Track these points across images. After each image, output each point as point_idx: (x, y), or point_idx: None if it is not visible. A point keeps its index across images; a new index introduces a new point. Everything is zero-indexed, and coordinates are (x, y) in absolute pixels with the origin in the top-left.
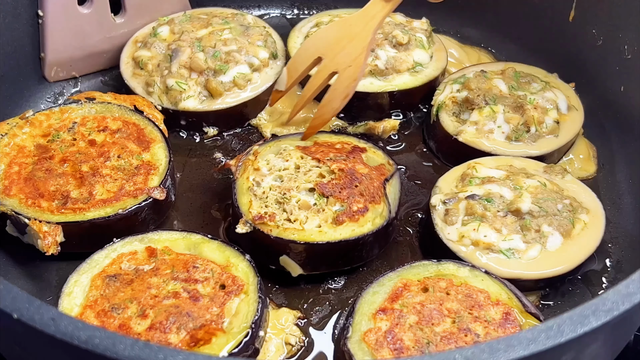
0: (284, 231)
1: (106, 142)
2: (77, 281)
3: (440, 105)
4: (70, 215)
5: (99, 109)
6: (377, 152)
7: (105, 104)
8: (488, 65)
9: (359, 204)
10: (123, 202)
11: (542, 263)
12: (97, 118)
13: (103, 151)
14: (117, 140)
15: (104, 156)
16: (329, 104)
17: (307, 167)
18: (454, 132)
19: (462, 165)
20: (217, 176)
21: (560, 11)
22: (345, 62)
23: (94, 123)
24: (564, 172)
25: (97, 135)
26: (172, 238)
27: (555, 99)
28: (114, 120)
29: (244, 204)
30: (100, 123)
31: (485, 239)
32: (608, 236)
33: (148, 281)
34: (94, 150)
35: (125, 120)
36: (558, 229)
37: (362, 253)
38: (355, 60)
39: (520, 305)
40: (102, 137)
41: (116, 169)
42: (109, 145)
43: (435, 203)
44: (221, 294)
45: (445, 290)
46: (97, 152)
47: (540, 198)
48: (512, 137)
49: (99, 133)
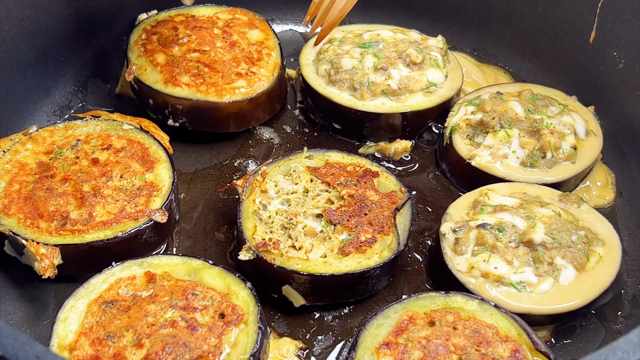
0: (287, 260)
1: (109, 161)
2: (73, 307)
3: (454, 127)
4: (68, 237)
5: (104, 127)
6: (390, 177)
7: (110, 122)
8: (504, 86)
9: (367, 234)
10: (123, 225)
11: (554, 298)
12: (102, 136)
13: (105, 170)
14: (121, 160)
15: (106, 176)
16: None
17: (316, 192)
18: (467, 156)
19: (474, 192)
20: (222, 196)
21: (581, 31)
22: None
23: (98, 141)
24: (580, 201)
25: (101, 153)
26: (172, 263)
27: (573, 124)
28: (119, 138)
29: (248, 228)
30: (105, 141)
31: (496, 271)
32: (624, 269)
33: (145, 308)
34: (97, 169)
35: (130, 138)
36: (572, 262)
37: (368, 286)
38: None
39: (530, 343)
40: (106, 155)
41: (118, 189)
42: (112, 164)
43: (445, 231)
44: (220, 324)
45: (453, 325)
46: (99, 171)
47: (554, 229)
48: (527, 163)
49: (103, 151)
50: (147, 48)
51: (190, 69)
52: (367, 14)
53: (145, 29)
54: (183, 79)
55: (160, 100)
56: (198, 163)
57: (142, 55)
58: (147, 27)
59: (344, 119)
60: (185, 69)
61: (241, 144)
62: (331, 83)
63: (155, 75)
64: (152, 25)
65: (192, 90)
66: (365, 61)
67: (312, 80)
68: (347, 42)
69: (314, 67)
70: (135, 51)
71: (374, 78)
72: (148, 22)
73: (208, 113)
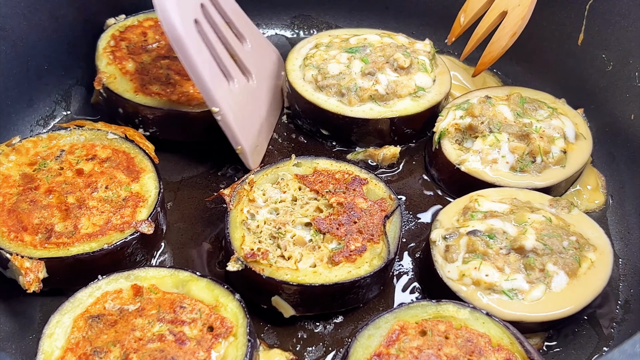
0: (276, 271)
1: (94, 171)
2: (59, 322)
3: (443, 132)
4: (53, 250)
5: (88, 136)
6: (379, 184)
7: (95, 131)
8: (493, 90)
9: (357, 242)
10: (109, 237)
11: (546, 305)
12: (86, 146)
13: (90, 181)
14: (106, 170)
15: (91, 187)
16: (497, 42)
17: (305, 200)
18: (457, 161)
19: (464, 198)
20: (210, 205)
21: (569, 34)
22: (515, 2)
23: (82, 151)
24: (571, 206)
25: (85, 164)
26: (159, 275)
27: (563, 127)
28: (104, 148)
29: (236, 239)
30: (89, 151)
31: (487, 279)
32: (616, 273)
33: (132, 322)
34: (81, 180)
35: (115, 148)
36: (563, 268)
37: (358, 295)
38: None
39: (523, 351)
40: (90, 166)
41: (103, 200)
42: (97, 175)
43: (436, 238)
44: (209, 337)
45: (445, 334)
46: (84, 182)
47: (545, 234)
48: (516, 168)
49: (87, 162)
50: (115, 55)
51: (161, 76)
52: (353, 18)
53: (113, 35)
54: (154, 88)
55: (131, 109)
56: (184, 172)
57: (111, 62)
58: (115, 33)
59: (331, 125)
60: (156, 76)
61: (228, 152)
62: (318, 89)
63: (125, 84)
64: (120, 31)
65: (163, 100)
66: (352, 66)
67: (298, 86)
68: (334, 46)
69: (300, 73)
70: (104, 59)
71: (362, 83)
72: (116, 27)
73: (179, 122)
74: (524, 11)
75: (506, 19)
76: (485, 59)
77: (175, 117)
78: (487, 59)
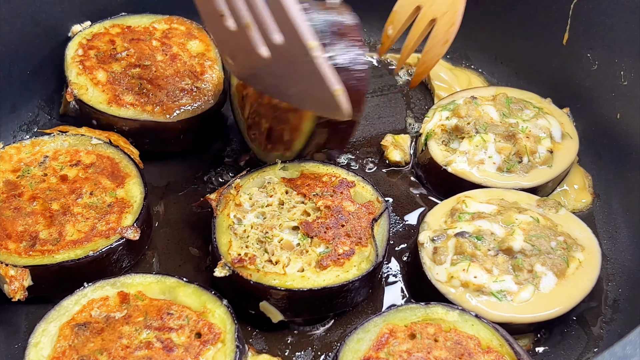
0: (264, 276)
1: (78, 177)
2: (45, 330)
3: (429, 133)
4: (38, 257)
5: (72, 142)
6: (366, 187)
7: (79, 136)
8: (479, 90)
9: (345, 246)
10: (94, 243)
11: (534, 306)
12: (70, 151)
13: (75, 187)
14: (90, 176)
15: (76, 193)
16: (431, 50)
17: (292, 204)
18: (444, 163)
19: (451, 199)
20: (196, 210)
21: (554, 33)
22: (443, 9)
23: (66, 157)
24: (558, 206)
25: (69, 170)
26: (145, 282)
27: (549, 127)
28: (88, 153)
29: (223, 244)
30: (73, 157)
31: (476, 280)
32: (604, 273)
33: (119, 330)
34: (66, 186)
35: (99, 153)
36: (552, 269)
37: (347, 299)
38: (452, 4)
39: (512, 353)
40: (75, 172)
41: (88, 207)
42: (81, 181)
43: (424, 240)
44: (196, 344)
45: (434, 337)
46: (68, 188)
47: (533, 235)
48: (503, 168)
49: (71, 168)
50: (85, 65)
51: (133, 86)
52: None
53: (81, 44)
54: (127, 98)
55: (105, 121)
56: (170, 176)
57: (81, 73)
58: (82, 41)
59: None
60: (128, 86)
61: (214, 156)
62: None
63: (97, 95)
64: (87, 39)
65: (138, 110)
66: None
67: None
68: None
69: None
70: (74, 69)
71: None
72: (83, 35)
73: (155, 133)
74: (453, 17)
75: (436, 27)
76: (420, 69)
77: (152, 127)
78: (421, 69)
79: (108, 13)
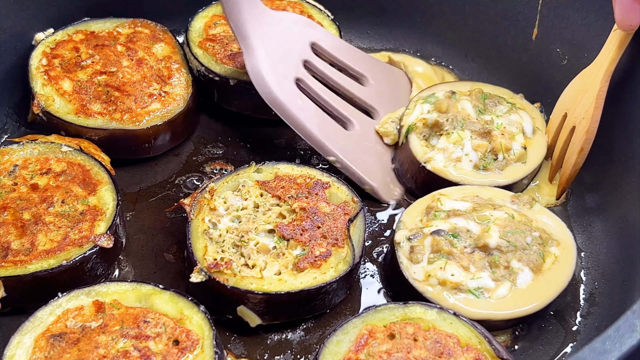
0: (241, 280)
1: (49, 186)
2: (20, 342)
3: (411, 126)
4: (10, 268)
5: (42, 150)
6: (341, 187)
7: (48, 144)
8: (456, 84)
9: (322, 247)
10: (67, 252)
11: (512, 302)
12: (40, 160)
13: (46, 196)
14: (61, 184)
15: (47, 202)
16: (568, 160)
17: (267, 206)
18: (423, 159)
19: (426, 197)
20: (170, 215)
21: (523, 29)
22: (580, 115)
23: (36, 165)
24: (532, 201)
25: (40, 178)
26: (120, 290)
27: (521, 122)
28: (58, 161)
29: (198, 249)
30: (43, 165)
31: (453, 278)
32: (580, 267)
33: (96, 340)
34: (36, 195)
35: (70, 161)
36: (528, 265)
37: (325, 301)
38: (587, 112)
39: (492, 350)
40: (45, 180)
41: (60, 215)
42: (53, 189)
43: (400, 240)
44: (174, 351)
45: (413, 336)
46: (39, 197)
47: (508, 231)
48: (479, 166)
49: (42, 176)
50: (50, 75)
51: (100, 94)
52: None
53: (44, 53)
54: (94, 108)
55: (74, 131)
56: (142, 182)
57: (46, 83)
58: (45, 50)
59: None
60: (95, 95)
61: (186, 160)
62: None
63: (64, 106)
64: (51, 47)
65: (106, 119)
66: None
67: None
68: None
69: None
70: (39, 79)
71: None
72: (46, 43)
73: (125, 141)
74: (587, 124)
75: (574, 134)
76: (562, 180)
77: (121, 136)
78: (563, 179)
79: (72, 18)
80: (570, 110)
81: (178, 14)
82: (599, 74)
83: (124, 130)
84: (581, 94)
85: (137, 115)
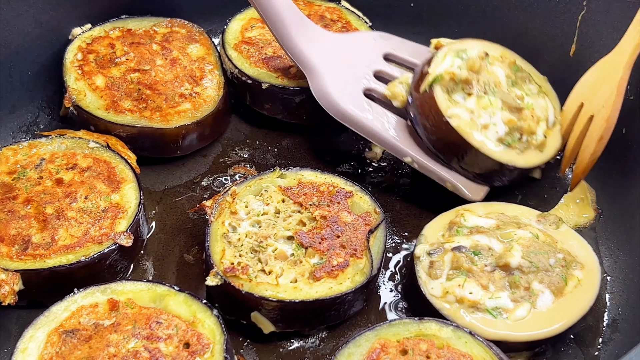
0: (256, 286)
1: (74, 181)
2: (33, 336)
3: (437, 77)
4: (29, 262)
5: (69, 145)
6: (364, 197)
7: (76, 139)
8: (488, 45)
9: (340, 257)
10: (86, 249)
11: (530, 324)
12: (67, 154)
13: (70, 191)
14: (86, 180)
15: (70, 197)
16: (586, 149)
17: (288, 213)
18: (447, 113)
19: (450, 212)
20: (193, 216)
21: (561, 45)
22: (599, 104)
23: (63, 160)
24: (559, 221)
25: (65, 173)
26: (136, 289)
27: (547, 109)
28: (85, 157)
29: (216, 252)
30: (70, 160)
31: (471, 296)
32: (604, 291)
33: (107, 338)
34: (61, 190)
35: (97, 157)
36: (549, 287)
37: (340, 312)
38: (607, 100)
39: None
40: (71, 175)
41: (82, 211)
42: (77, 184)
43: (420, 254)
44: (184, 354)
45: (426, 353)
46: (63, 192)
47: (531, 251)
48: (504, 140)
49: (67, 171)
50: (84, 70)
51: (132, 92)
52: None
53: (80, 47)
54: (125, 104)
55: (103, 127)
56: (168, 181)
57: (79, 78)
58: (82, 44)
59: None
60: (127, 92)
61: (213, 161)
62: None
63: (95, 101)
64: (87, 42)
65: (136, 116)
66: None
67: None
68: None
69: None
70: (72, 74)
71: None
72: (82, 38)
73: (153, 139)
74: (607, 113)
75: (593, 123)
76: (578, 170)
77: (149, 134)
78: (579, 170)
79: (110, 15)
80: (588, 100)
81: (216, 15)
82: (621, 61)
83: (152, 128)
84: (599, 82)
85: (166, 114)
